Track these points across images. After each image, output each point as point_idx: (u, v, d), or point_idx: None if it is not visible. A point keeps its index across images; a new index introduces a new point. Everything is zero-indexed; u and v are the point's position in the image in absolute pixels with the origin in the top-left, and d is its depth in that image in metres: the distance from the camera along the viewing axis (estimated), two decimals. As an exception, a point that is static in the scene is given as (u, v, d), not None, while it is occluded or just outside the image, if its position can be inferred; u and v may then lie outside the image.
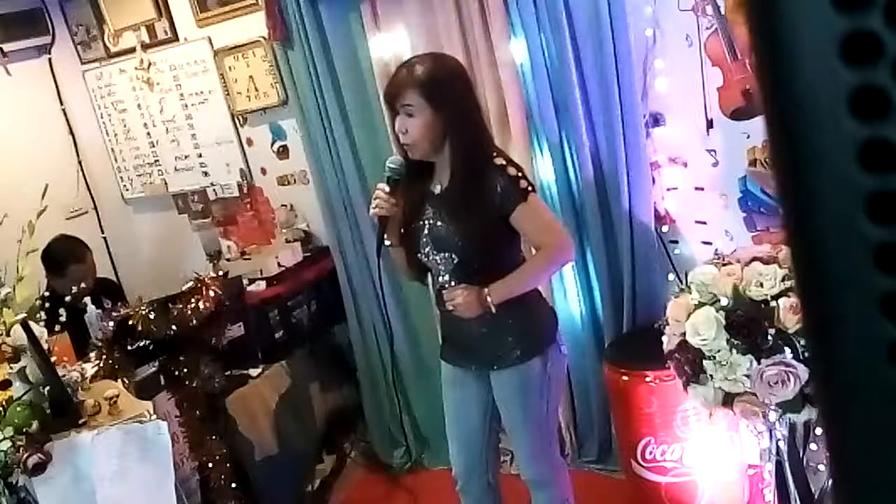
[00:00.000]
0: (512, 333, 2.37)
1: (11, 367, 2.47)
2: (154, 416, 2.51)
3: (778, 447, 2.30)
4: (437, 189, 2.36)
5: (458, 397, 2.56)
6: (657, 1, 2.95)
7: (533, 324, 2.43)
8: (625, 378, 2.87)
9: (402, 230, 2.40)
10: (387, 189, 2.29)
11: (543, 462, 2.52)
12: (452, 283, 2.34)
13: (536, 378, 2.40)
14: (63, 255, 3.77)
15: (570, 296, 3.43)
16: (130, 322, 2.75)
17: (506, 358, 2.38)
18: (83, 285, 3.33)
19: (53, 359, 2.65)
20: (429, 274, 2.48)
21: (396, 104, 2.25)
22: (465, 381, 2.52)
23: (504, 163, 2.29)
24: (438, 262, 2.36)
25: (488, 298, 2.27)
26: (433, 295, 2.50)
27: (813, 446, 2.41)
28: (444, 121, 2.23)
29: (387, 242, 2.39)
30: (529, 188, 2.29)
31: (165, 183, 4.64)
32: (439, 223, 2.33)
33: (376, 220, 2.34)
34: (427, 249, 2.37)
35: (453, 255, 2.32)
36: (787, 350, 2.05)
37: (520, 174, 2.29)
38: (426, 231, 2.35)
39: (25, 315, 2.54)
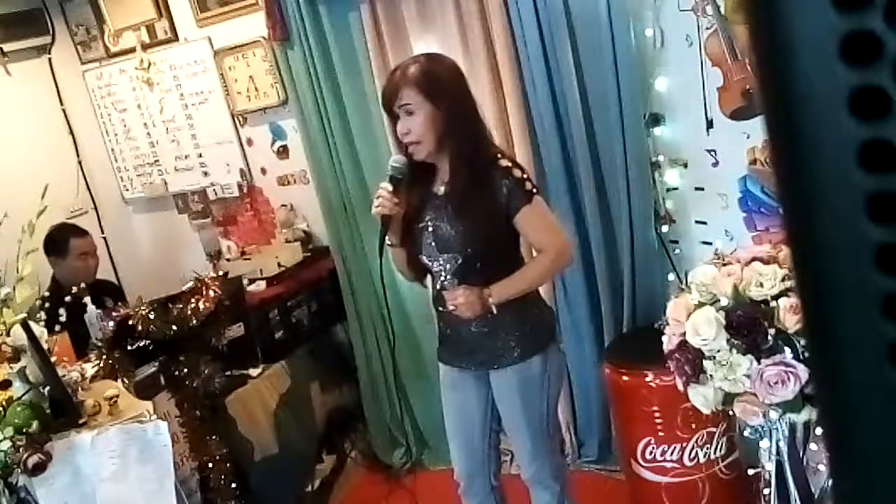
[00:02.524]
0: (512, 332, 2.37)
1: (11, 367, 2.47)
2: (154, 416, 2.51)
3: (778, 447, 2.30)
4: (441, 190, 2.35)
5: (457, 399, 2.56)
6: (657, 1, 2.95)
7: (532, 323, 2.43)
8: (625, 378, 2.87)
9: (404, 231, 2.40)
10: (390, 188, 2.28)
11: (543, 461, 2.52)
12: (454, 284, 2.34)
13: (536, 377, 2.41)
14: (64, 234, 3.84)
15: (570, 296, 3.43)
16: (130, 322, 2.74)
17: (506, 357, 2.39)
18: (83, 287, 3.32)
19: (53, 359, 2.65)
20: (428, 275, 2.48)
21: (394, 106, 2.24)
22: (464, 383, 2.52)
23: (509, 164, 2.30)
24: (441, 262, 2.36)
25: (490, 299, 2.28)
26: (432, 296, 2.49)
27: (813, 446, 2.41)
28: (444, 117, 2.23)
29: (388, 242, 2.39)
30: (534, 190, 2.30)
31: (165, 183, 4.64)
32: (443, 224, 2.32)
33: (379, 220, 2.33)
34: (430, 250, 2.37)
35: (457, 256, 2.32)
36: (787, 350, 2.05)
37: (525, 176, 2.30)
38: (429, 232, 2.35)
39: (25, 315, 2.54)
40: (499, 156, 2.33)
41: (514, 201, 2.25)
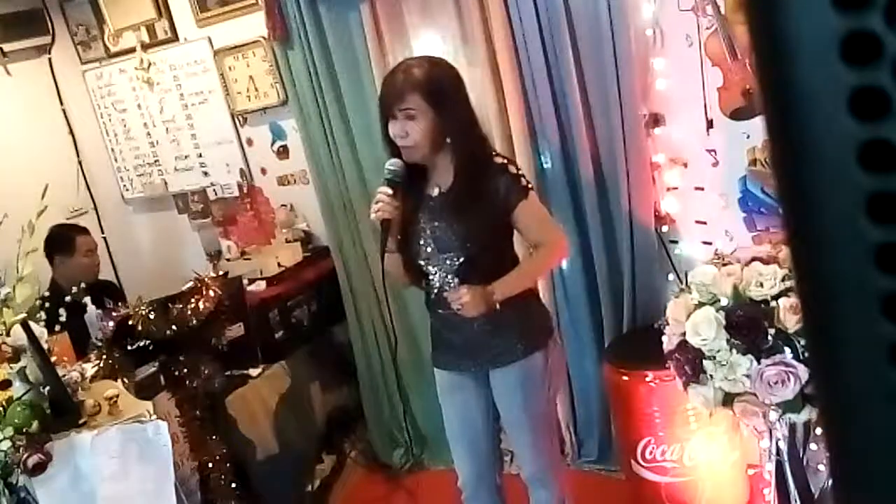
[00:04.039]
0: (514, 329, 2.38)
1: (11, 367, 2.47)
2: (154, 416, 2.51)
3: (778, 447, 2.30)
4: (435, 192, 2.35)
5: (459, 402, 2.55)
6: (657, 1, 2.95)
7: (532, 318, 2.45)
8: (625, 378, 2.87)
9: (399, 235, 2.38)
10: (389, 192, 2.27)
11: (544, 459, 2.52)
12: (455, 284, 2.33)
13: (539, 372, 2.41)
14: (68, 232, 3.87)
15: (570, 296, 3.43)
16: (130, 322, 2.75)
17: (508, 354, 2.39)
18: (82, 287, 3.33)
19: (53, 359, 2.65)
20: (423, 280, 2.47)
21: (395, 109, 2.23)
22: (463, 385, 2.51)
23: (505, 161, 2.33)
24: (441, 263, 2.35)
25: (493, 296, 2.29)
26: (429, 299, 2.46)
27: (813, 446, 2.41)
28: (445, 123, 2.23)
29: (387, 247, 2.36)
30: (529, 186, 2.33)
31: (165, 183, 4.64)
32: (442, 224, 2.32)
33: (379, 224, 2.31)
34: (429, 252, 2.36)
35: (459, 255, 2.32)
36: (787, 350, 2.05)
37: (520, 172, 2.33)
38: (427, 234, 2.35)
39: (25, 315, 2.54)
40: (494, 154, 2.36)
41: (512, 196, 2.28)
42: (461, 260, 2.32)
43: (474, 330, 2.38)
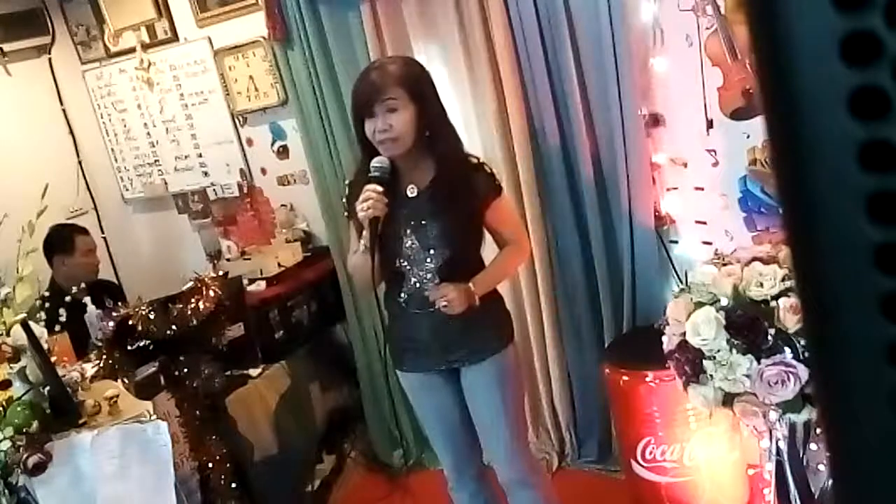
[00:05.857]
0: (489, 325, 2.42)
1: (11, 367, 2.47)
2: (154, 416, 2.51)
3: (778, 447, 2.30)
4: (413, 191, 2.34)
5: (432, 399, 2.54)
6: (657, 1, 2.95)
7: (502, 314, 2.51)
8: (625, 378, 2.87)
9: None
10: (379, 189, 2.25)
11: (525, 458, 2.53)
12: (435, 282, 2.34)
13: (512, 366, 2.46)
14: (68, 232, 3.89)
15: (570, 295, 3.43)
16: (130, 322, 2.74)
17: (483, 351, 2.41)
18: (83, 287, 3.33)
19: (53, 359, 2.65)
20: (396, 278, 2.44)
21: (375, 104, 2.22)
22: (433, 385, 2.51)
23: (479, 160, 2.42)
24: (421, 262, 2.34)
25: (475, 292, 2.32)
26: (399, 298, 2.42)
27: (813, 446, 2.41)
28: (425, 117, 2.26)
29: (363, 247, 2.29)
30: (501, 185, 2.43)
31: (165, 183, 4.64)
32: (424, 222, 2.32)
33: (366, 223, 2.27)
34: (412, 250, 2.34)
35: (441, 253, 2.32)
36: (787, 350, 2.05)
37: (493, 171, 2.41)
38: (407, 233, 2.33)
39: (25, 315, 2.54)
40: (468, 154, 2.43)
41: (489, 194, 2.36)
42: (444, 258, 2.33)
43: (448, 328, 2.37)
